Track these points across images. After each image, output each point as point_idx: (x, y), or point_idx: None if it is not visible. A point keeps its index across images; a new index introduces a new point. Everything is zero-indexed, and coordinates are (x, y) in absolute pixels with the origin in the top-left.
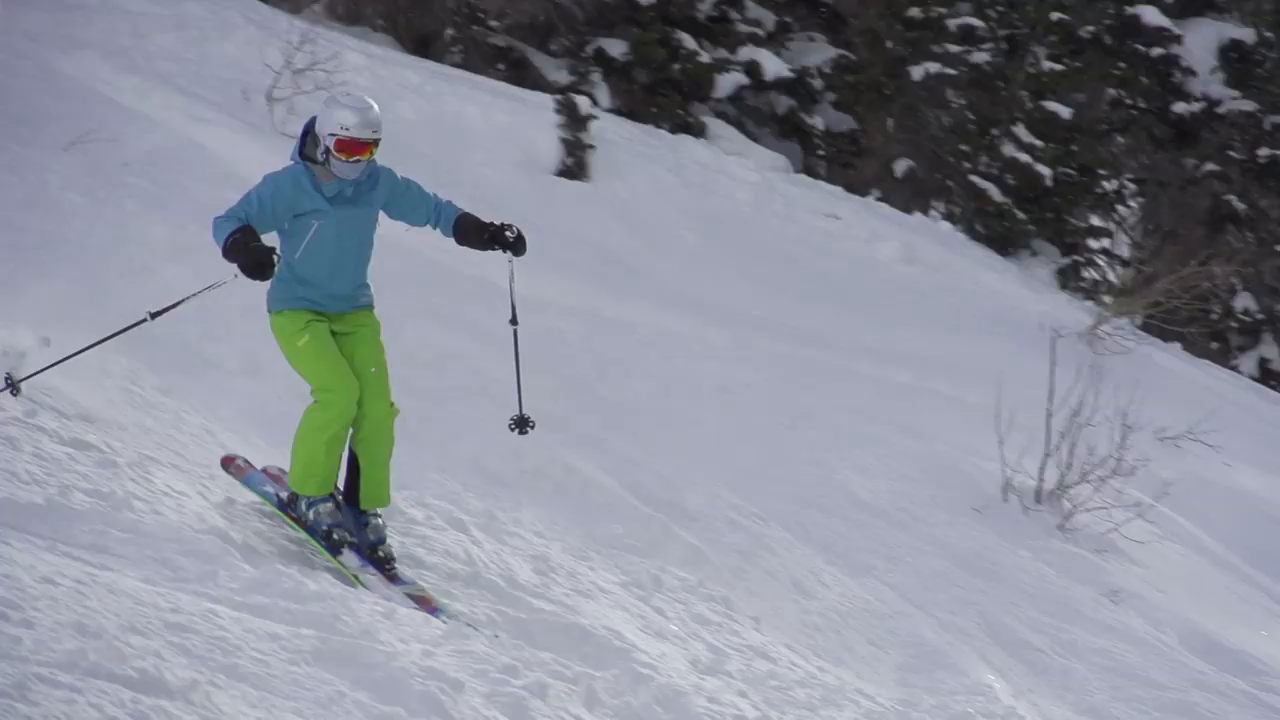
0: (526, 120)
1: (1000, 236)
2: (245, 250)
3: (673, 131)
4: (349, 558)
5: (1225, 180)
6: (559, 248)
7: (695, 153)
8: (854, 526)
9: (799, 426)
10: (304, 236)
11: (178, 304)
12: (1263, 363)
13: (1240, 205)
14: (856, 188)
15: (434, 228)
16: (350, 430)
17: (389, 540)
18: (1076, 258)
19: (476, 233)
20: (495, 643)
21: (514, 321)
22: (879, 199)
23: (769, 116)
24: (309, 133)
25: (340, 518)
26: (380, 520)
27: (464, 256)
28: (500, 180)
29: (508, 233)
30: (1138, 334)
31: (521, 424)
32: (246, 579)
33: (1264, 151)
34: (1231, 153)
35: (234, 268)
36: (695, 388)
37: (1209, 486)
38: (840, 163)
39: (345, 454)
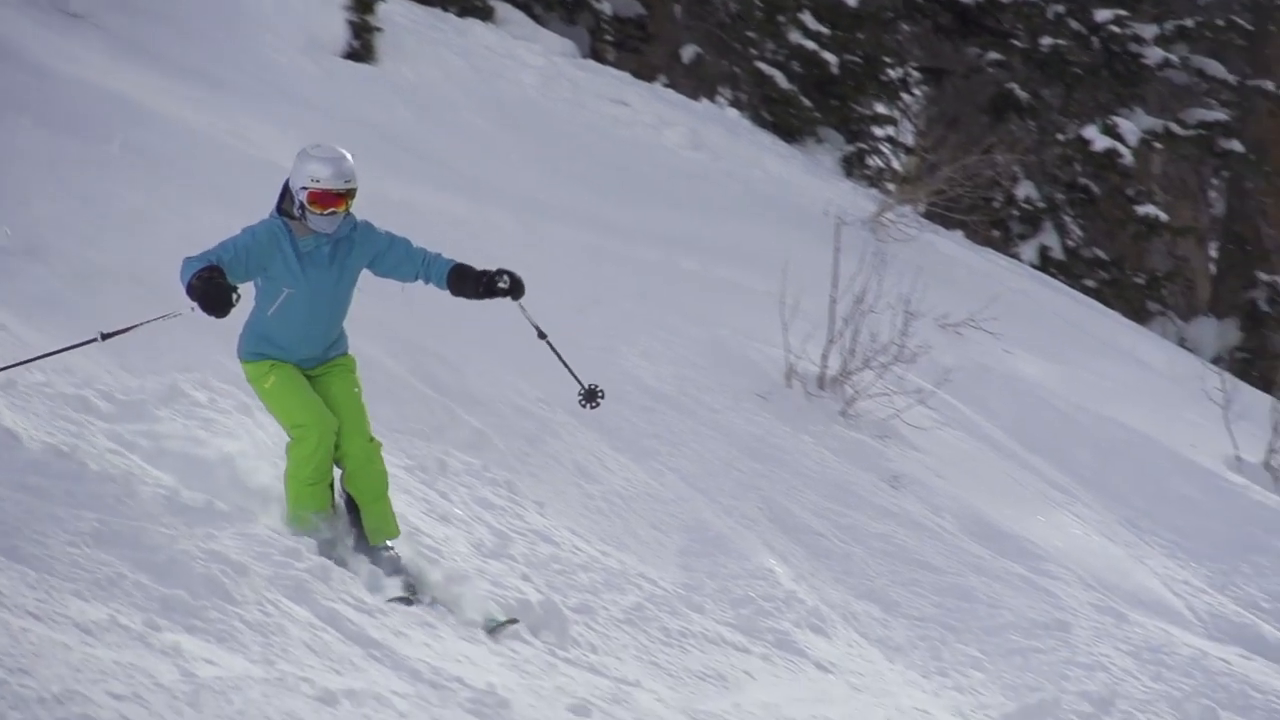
0: (313, 2)
1: (786, 124)
2: (209, 284)
3: (460, 15)
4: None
5: (1008, 69)
6: (344, 131)
7: (483, 37)
8: (639, 411)
9: (586, 312)
10: (275, 299)
11: (130, 329)
12: (1043, 250)
13: (1022, 94)
14: (644, 74)
15: (425, 283)
16: (334, 465)
17: (406, 568)
18: (861, 145)
19: (471, 284)
20: (276, 527)
21: (542, 336)
22: (666, 85)
23: (557, 1)
24: (285, 189)
25: (334, 549)
26: (393, 552)
27: None
28: (286, 63)
29: (500, 283)
30: (921, 222)
31: (591, 396)
32: (25, 460)
33: (1046, 41)
34: (1014, 41)
35: (192, 303)
36: None
37: (989, 373)
38: (628, 48)
39: (339, 487)
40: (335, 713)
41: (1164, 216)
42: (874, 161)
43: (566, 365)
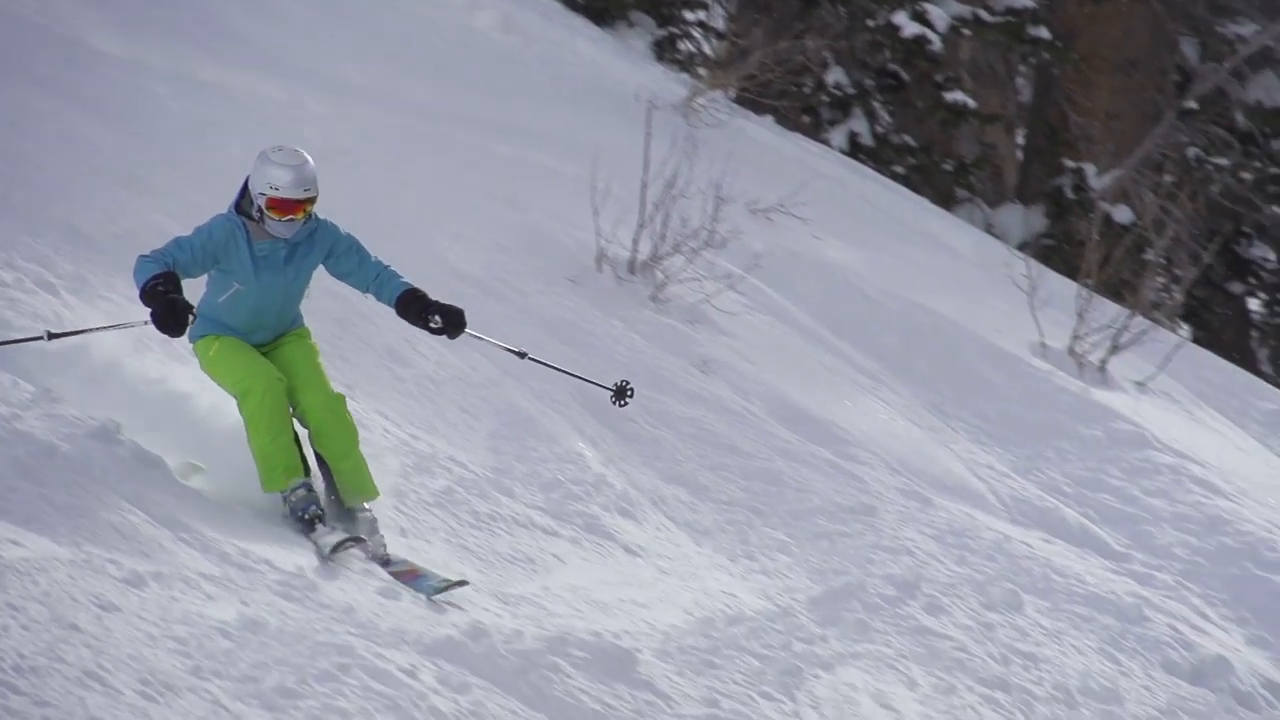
0: None
1: (597, 7)
2: (163, 302)
3: None
4: (321, 535)
5: None
6: (154, 10)
7: None
8: (450, 296)
9: (398, 196)
10: (226, 290)
11: (79, 332)
12: (852, 137)
13: None
14: None
15: (376, 299)
16: (299, 423)
17: (382, 533)
18: (673, 30)
19: (413, 314)
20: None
21: (522, 356)
22: None
23: None
24: (245, 189)
25: (314, 498)
26: (369, 513)
27: None
28: None
29: (431, 324)
30: (732, 107)
31: (620, 394)
32: None
33: None
34: None
35: (148, 313)
36: None
37: (798, 259)
38: None
39: (303, 440)
40: (142, 595)
41: (972, 103)
42: (685, 46)
43: (576, 375)
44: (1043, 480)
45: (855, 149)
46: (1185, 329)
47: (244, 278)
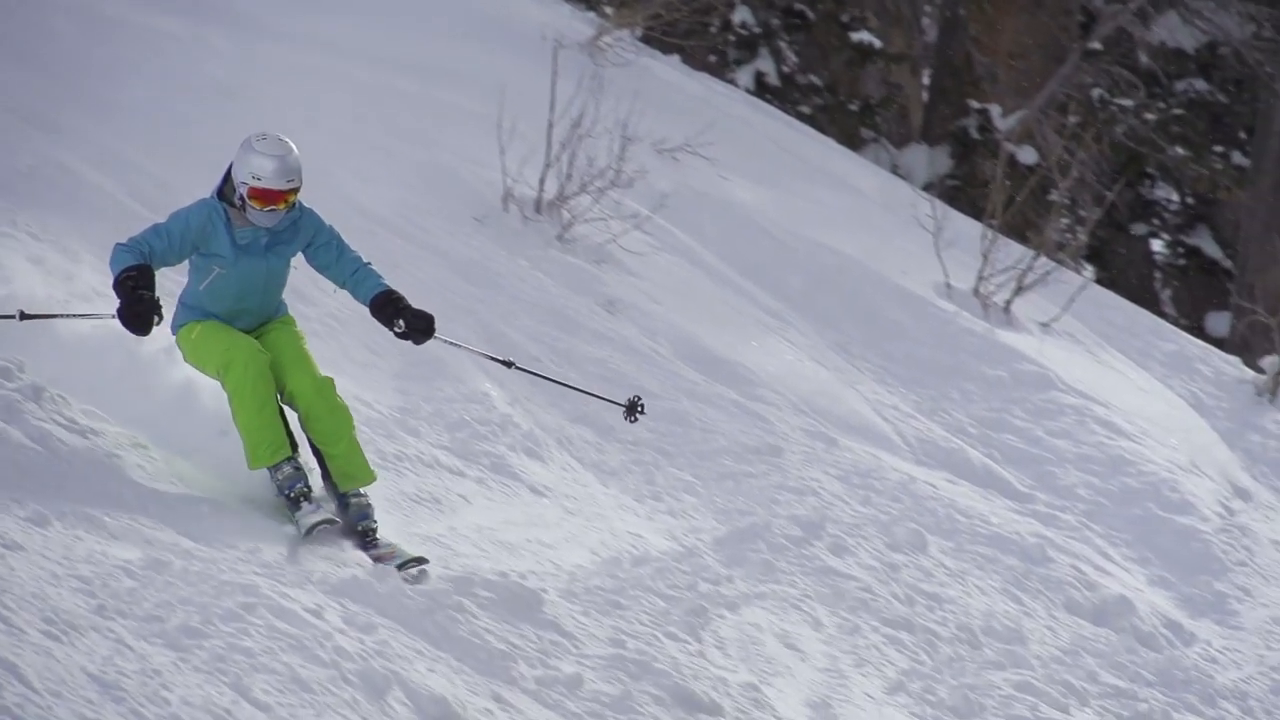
0: None
1: None
2: (131, 297)
3: None
4: (305, 514)
5: None
6: None
7: None
8: (355, 234)
9: (303, 134)
10: (207, 276)
11: (52, 316)
12: (759, 76)
13: None
14: None
15: (352, 296)
16: (289, 407)
17: (374, 519)
18: None
19: (384, 317)
20: None
21: (509, 364)
22: None
23: None
24: (229, 175)
25: (301, 475)
26: (363, 499)
27: None
28: None
29: (395, 328)
30: (638, 46)
31: (631, 410)
32: None
33: None
34: None
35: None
36: (195, 90)
37: (704, 199)
38: None
39: (286, 414)
40: (45, 534)
41: (878, 43)
42: None
43: (583, 390)
44: (947, 421)
45: (761, 89)
46: (1089, 270)
47: (225, 263)
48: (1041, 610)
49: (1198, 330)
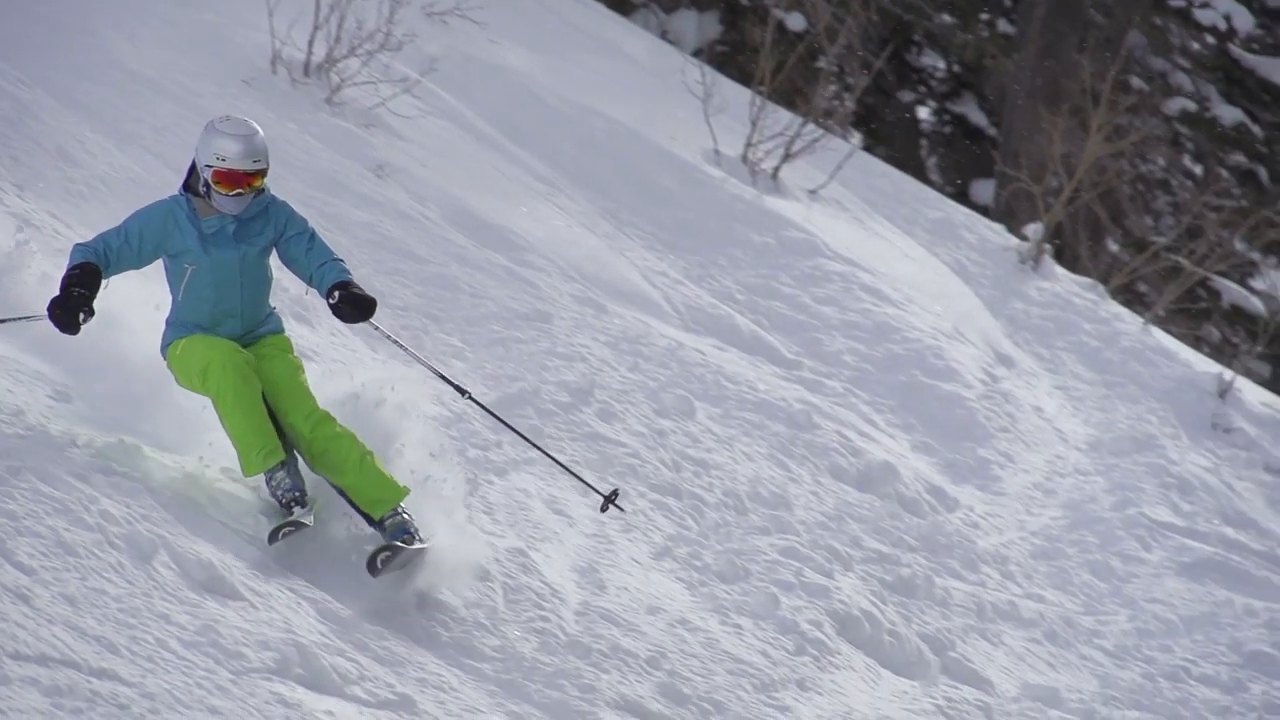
0: None
1: None
2: (62, 294)
3: None
4: (299, 517)
5: None
6: None
7: None
8: (122, 95)
9: None
10: (181, 279)
11: (16, 319)
12: None
13: None
14: None
15: (318, 292)
16: (288, 442)
17: (415, 534)
18: None
19: (332, 292)
20: None
21: (464, 393)
22: None
23: None
24: (193, 166)
25: (297, 480)
26: (399, 518)
27: None
28: None
29: (330, 299)
30: None
31: (608, 502)
32: None
33: None
34: None
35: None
36: None
37: (474, 63)
38: None
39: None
40: None
41: None
42: None
43: (562, 464)
44: (716, 288)
45: None
46: (856, 137)
47: (194, 256)
48: (807, 476)
49: (963, 198)
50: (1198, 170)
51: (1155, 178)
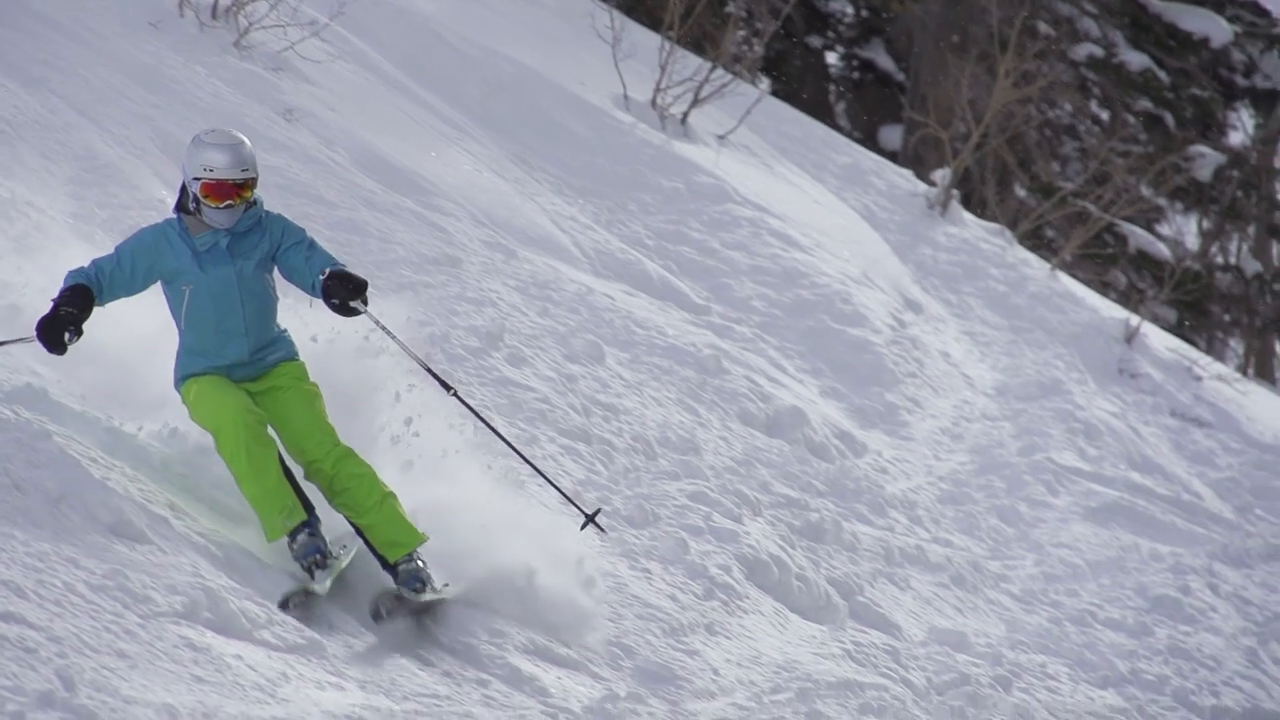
0: None
1: None
2: (50, 314)
3: None
4: (319, 581)
5: None
6: None
7: None
8: (26, 36)
9: None
10: (181, 303)
11: (11, 341)
12: None
13: None
14: None
15: (320, 296)
16: (304, 477)
17: (430, 582)
18: None
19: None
20: None
21: (451, 391)
22: None
23: None
24: (183, 187)
25: (317, 542)
26: (413, 565)
27: None
28: None
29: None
30: None
31: (589, 520)
32: None
33: None
34: None
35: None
36: None
37: (382, 6)
38: None
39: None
40: None
41: None
42: None
43: (538, 469)
44: (625, 233)
45: None
46: (765, 83)
47: (191, 276)
48: (716, 421)
49: (871, 143)
50: (1105, 116)
51: (1062, 123)
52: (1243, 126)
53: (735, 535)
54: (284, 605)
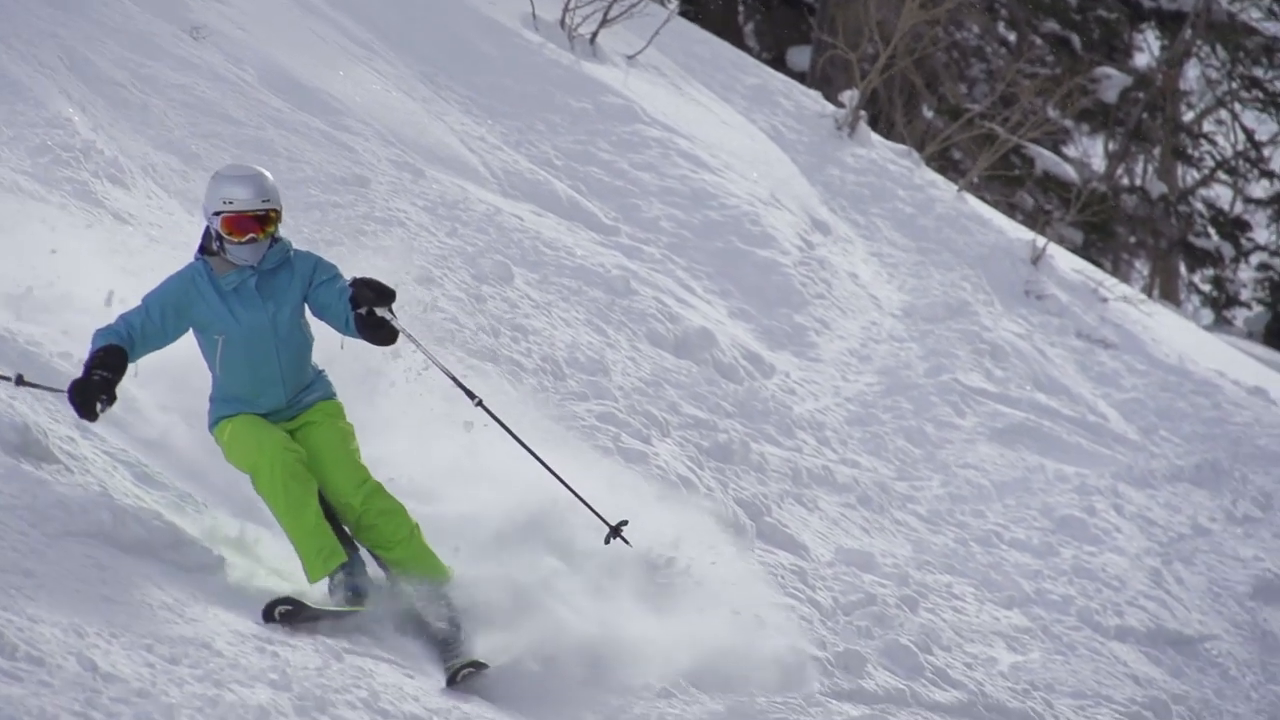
0: None
1: None
2: (84, 376)
3: None
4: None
5: None
6: None
7: None
8: None
9: None
10: (215, 353)
11: (47, 388)
12: None
13: None
14: None
15: (350, 326)
16: (338, 517)
17: (455, 617)
18: None
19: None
20: None
21: (477, 401)
22: None
23: None
24: (206, 231)
25: (354, 581)
26: (444, 603)
27: None
28: None
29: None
30: None
31: (614, 532)
32: None
33: None
34: None
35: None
36: None
37: None
38: None
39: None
40: None
41: None
42: None
43: (564, 482)
44: (534, 153)
45: None
46: (674, 3)
47: (222, 324)
48: (625, 342)
49: (779, 64)
50: (1012, 38)
51: (970, 45)
52: (1149, 48)
53: (644, 456)
54: (268, 615)
